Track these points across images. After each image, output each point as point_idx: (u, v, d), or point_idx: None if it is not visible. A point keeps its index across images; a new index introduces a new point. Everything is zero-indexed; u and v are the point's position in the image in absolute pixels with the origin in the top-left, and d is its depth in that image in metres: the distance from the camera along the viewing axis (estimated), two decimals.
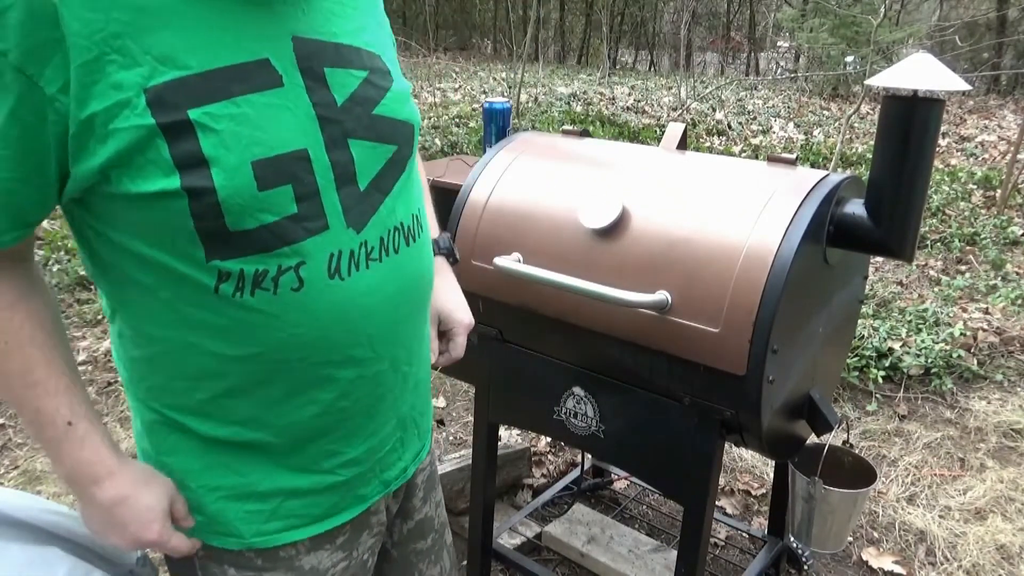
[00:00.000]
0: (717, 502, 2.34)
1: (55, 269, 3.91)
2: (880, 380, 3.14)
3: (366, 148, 0.86)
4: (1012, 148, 5.98)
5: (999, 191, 5.63)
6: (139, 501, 0.84)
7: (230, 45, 0.75)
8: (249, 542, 0.92)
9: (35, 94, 0.68)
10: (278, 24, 0.79)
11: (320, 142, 0.81)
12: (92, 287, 3.87)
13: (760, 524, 2.35)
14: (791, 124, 8.89)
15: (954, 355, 3.23)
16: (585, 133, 1.77)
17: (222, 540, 0.92)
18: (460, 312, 1.19)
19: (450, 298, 1.19)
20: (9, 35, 0.66)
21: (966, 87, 1.22)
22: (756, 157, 6.54)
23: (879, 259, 4.29)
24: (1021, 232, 4.93)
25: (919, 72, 1.21)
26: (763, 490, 2.53)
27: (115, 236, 0.77)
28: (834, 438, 1.55)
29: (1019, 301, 3.79)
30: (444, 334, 1.19)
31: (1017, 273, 4.29)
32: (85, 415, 0.82)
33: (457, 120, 7.85)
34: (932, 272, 4.40)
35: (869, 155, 6.13)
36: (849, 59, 11.04)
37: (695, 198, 1.39)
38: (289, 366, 0.84)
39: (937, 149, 2.62)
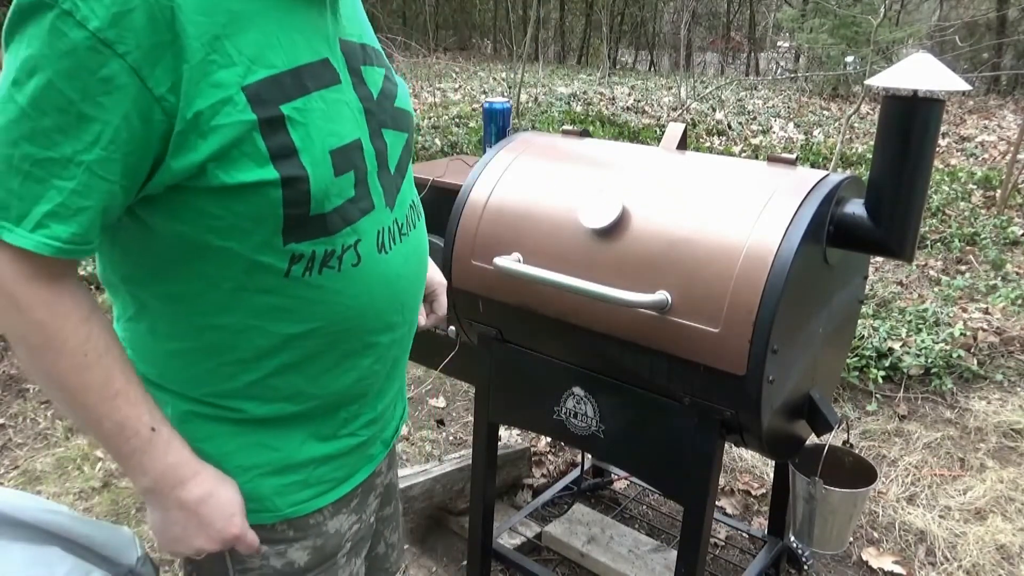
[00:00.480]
0: (717, 502, 2.34)
1: None
2: (880, 380, 3.14)
3: (393, 136, 0.95)
4: (1012, 148, 5.98)
5: (999, 191, 5.63)
6: (222, 496, 0.87)
7: (302, 46, 0.81)
8: (284, 514, 0.95)
9: (144, 96, 0.70)
10: (328, 28, 0.86)
11: (366, 132, 0.89)
12: (92, 287, 3.87)
13: (760, 524, 2.35)
14: (791, 124, 8.89)
15: (954, 355, 3.23)
16: (585, 133, 1.77)
17: (255, 517, 0.93)
18: (438, 275, 1.29)
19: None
20: (130, 37, 0.68)
21: (966, 87, 1.22)
22: (756, 157, 6.54)
23: (879, 259, 4.29)
24: (1021, 232, 4.93)
25: (919, 72, 1.21)
26: (763, 490, 2.53)
27: (182, 230, 0.78)
28: (834, 438, 1.55)
29: (1019, 301, 3.79)
30: (426, 297, 1.25)
31: (1017, 273, 4.29)
32: (163, 420, 0.83)
33: (457, 120, 7.85)
34: (932, 272, 4.40)
35: (869, 155, 6.13)
36: (849, 59, 11.03)
37: (695, 198, 1.39)
38: (341, 337, 0.90)
39: (937, 149, 2.62)
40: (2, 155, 0.70)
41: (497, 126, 2.10)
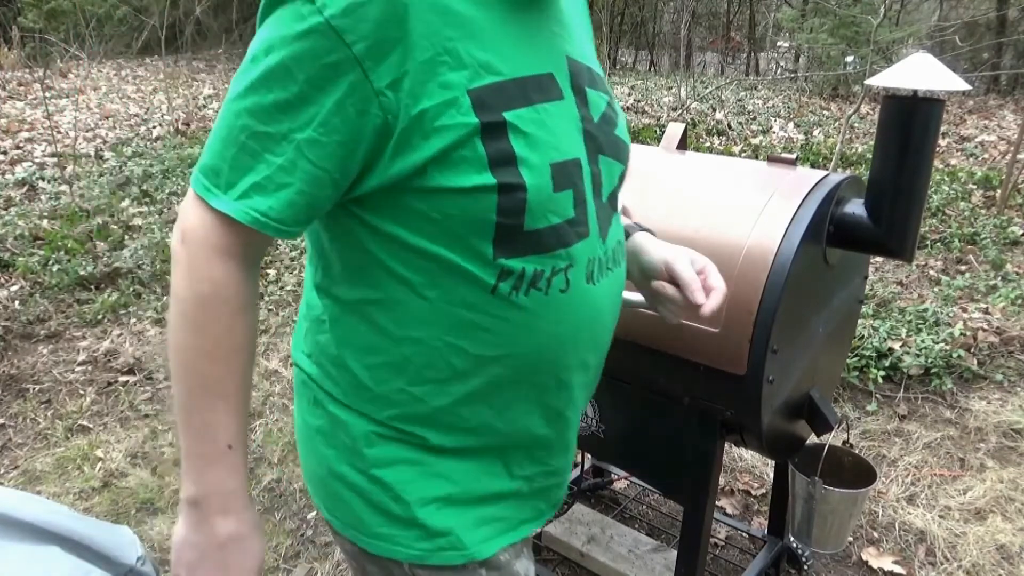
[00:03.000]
0: (717, 502, 2.34)
1: (55, 269, 3.90)
2: (880, 380, 3.14)
3: (609, 164, 0.90)
4: (1012, 148, 5.98)
5: (999, 191, 5.63)
6: (252, 546, 0.83)
7: (528, 58, 0.80)
8: (472, 552, 0.89)
9: (364, 87, 0.71)
10: (556, 44, 0.84)
11: (584, 153, 0.85)
12: (92, 287, 3.87)
13: (760, 524, 2.35)
14: (791, 124, 8.88)
15: (954, 355, 3.23)
16: None
17: (445, 556, 0.89)
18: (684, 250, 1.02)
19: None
20: (362, 28, 0.69)
21: (966, 87, 1.22)
22: (756, 157, 6.53)
23: (879, 259, 4.28)
24: (1021, 232, 4.93)
25: (919, 72, 1.21)
26: (763, 490, 2.53)
27: (395, 231, 0.78)
28: (834, 438, 1.55)
29: (1019, 301, 3.79)
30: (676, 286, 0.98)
31: (1017, 273, 4.28)
32: (244, 444, 0.81)
33: None
34: (932, 272, 4.40)
35: (869, 155, 6.12)
36: (849, 59, 11.02)
37: (695, 198, 1.39)
38: (538, 368, 0.86)
39: (937, 149, 2.62)
40: (226, 124, 0.73)
41: None
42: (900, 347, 3.27)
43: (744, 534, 2.25)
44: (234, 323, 0.76)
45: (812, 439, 1.59)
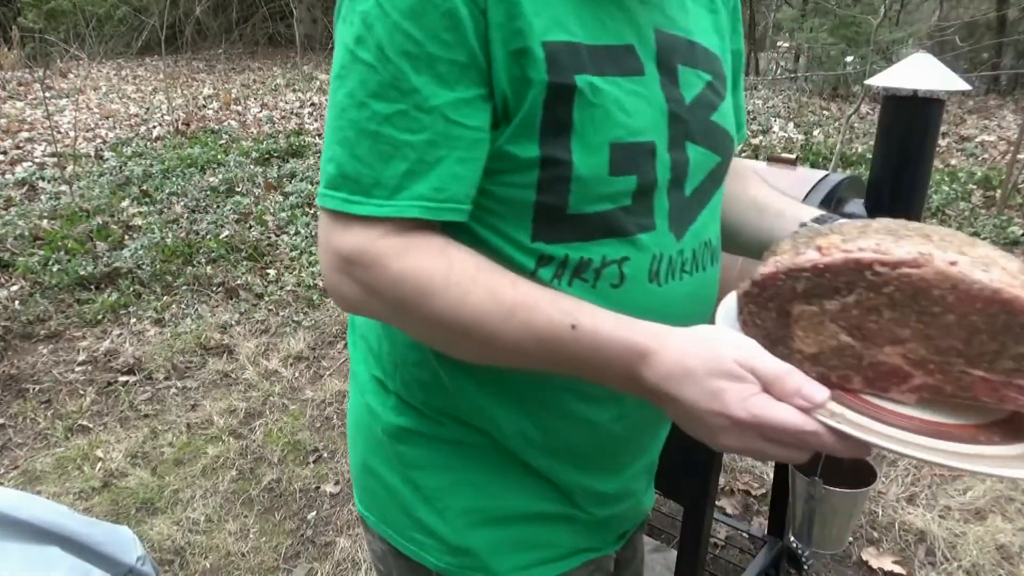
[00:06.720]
0: (717, 502, 2.34)
1: (55, 269, 3.90)
2: None
3: (699, 154, 0.78)
4: (1012, 148, 5.98)
5: (999, 191, 5.63)
6: (696, 362, 0.62)
7: (606, 26, 0.71)
8: None
9: (482, 28, 0.64)
10: (643, 13, 0.74)
11: (665, 139, 0.74)
12: (92, 287, 3.87)
13: (760, 524, 2.35)
14: (791, 124, 8.88)
15: None
16: None
17: None
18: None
19: None
20: None
21: (966, 87, 1.22)
22: (756, 157, 6.53)
23: None
24: (1021, 232, 4.93)
25: (919, 72, 1.21)
26: (763, 490, 2.53)
27: None
28: None
29: None
30: None
31: None
32: (576, 305, 0.66)
33: None
34: None
35: (869, 155, 6.11)
36: (849, 59, 11.02)
37: None
38: None
39: (937, 149, 2.62)
40: (351, 122, 0.65)
41: None
42: None
43: (744, 534, 2.25)
44: (449, 261, 0.66)
45: None
